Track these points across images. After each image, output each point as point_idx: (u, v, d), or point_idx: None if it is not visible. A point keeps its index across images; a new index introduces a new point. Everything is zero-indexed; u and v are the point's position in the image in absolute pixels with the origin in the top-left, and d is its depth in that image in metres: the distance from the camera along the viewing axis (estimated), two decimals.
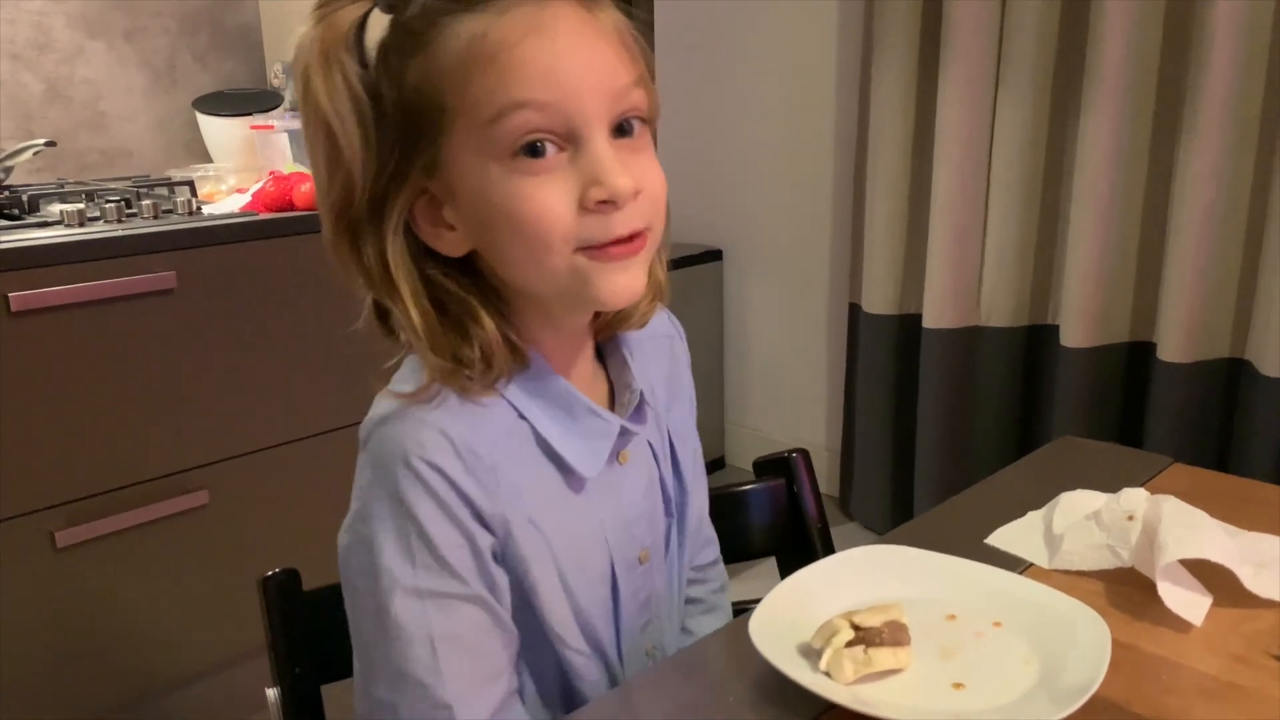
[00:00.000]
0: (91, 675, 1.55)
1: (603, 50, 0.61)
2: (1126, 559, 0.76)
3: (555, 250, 0.61)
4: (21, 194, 1.64)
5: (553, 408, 0.68)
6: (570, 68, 0.59)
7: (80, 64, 1.99)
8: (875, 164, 2.24)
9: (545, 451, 0.68)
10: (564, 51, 0.59)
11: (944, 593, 0.72)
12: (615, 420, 0.70)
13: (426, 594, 0.62)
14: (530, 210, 0.60)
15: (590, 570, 0.71)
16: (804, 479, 0.99)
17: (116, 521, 1.52)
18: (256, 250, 1.62)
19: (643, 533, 0.75)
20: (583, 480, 0.69)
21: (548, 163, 0.60)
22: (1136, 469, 0.96)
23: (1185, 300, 1.83)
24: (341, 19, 0.60)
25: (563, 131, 0.60)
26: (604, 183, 0.59)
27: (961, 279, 2.14)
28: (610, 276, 0.62)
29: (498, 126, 0.59)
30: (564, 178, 0.60)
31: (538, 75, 0.58)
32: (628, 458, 0.74)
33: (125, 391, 1.51)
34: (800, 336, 2.69)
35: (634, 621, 0.76)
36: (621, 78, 0.61)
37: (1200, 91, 1.75)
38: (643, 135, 0.64)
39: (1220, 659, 0.66)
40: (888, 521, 2.40)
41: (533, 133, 0.59)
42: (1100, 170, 1.90)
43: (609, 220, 0.61)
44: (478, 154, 0.60)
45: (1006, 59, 2.01)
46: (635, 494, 0.75)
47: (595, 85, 0.60)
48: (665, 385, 0.81)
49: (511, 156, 0.60)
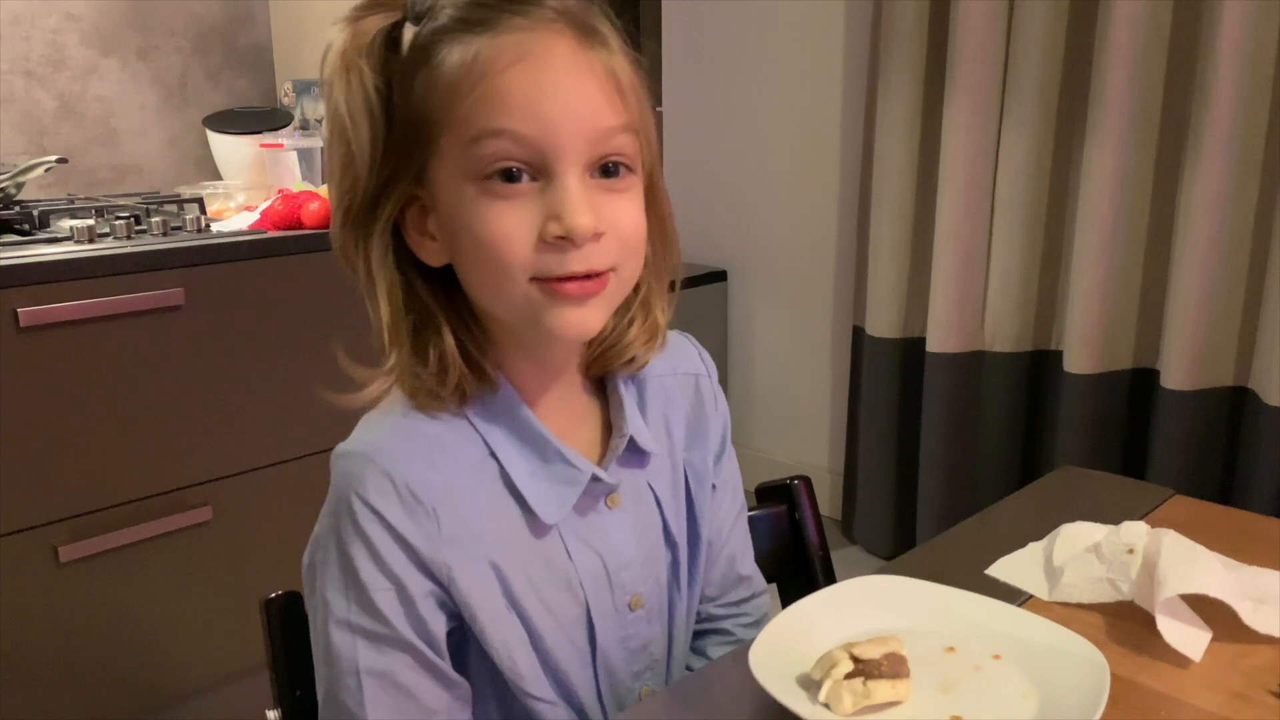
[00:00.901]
0: (94, 690, 1.55)
1: (589, 90, 0.61)
2: (1126, 592, 0.76)
3: (511, 277, 0.62)
4: (32, 209, 1.65)
5: (524, 445, 0.68)
6: (551, 104, 0.60)
7: (93, 81, 2.01)
8: (880, 188, 2.25)
9: (510, 490, 0.67)
10: (548, 86, 0.60)
11: (944, 625, 0.72)
12: (587, 469, 0.69)
13: (357, 629, 0.64)
14: (492, 233, 0.61)
15: (561, 615, 0.70)
16: (806, 506, 1.00)
17: (120, 537, 1.52)
18: (264, 268, 1.63)
19: (633, 579, 0.73)
20: (548, 525, 0.68)
21: (518, 189, 0.61)
22: (1137, 500, 0.96)
23: (1189, 328, 1.84)
24: (366, 27, 0.62)
25: (536, 163, 0.61)
26: (562, 219, 0.60)
27: (965, 303, 2.15)
28: (562, 311, 0.63)
29: (475, 148, 0.60)
30: (529, 208, 0.61)
31: (518, 106, 0.59)
32: (618, 502, 0.73)
33: (131, 407, 1.52)
34: (804, 358, 2.69)
35: (624, 669, 0.74)
36: (605, 120, 0.62)
37: (1204, 119, 1.76)
38: (627, 179, 0.64)
39: (1220, 695, 0.66)
40: (890, 545, 2.40)
41: (506, 160, 0.60)
42: (1104, 196, 1.91)
43: (565, 256, 0.61)
44: (457, 170, 0.61)
45: (1011, 86, 2.02)
46: (625, 539, 0.73)
47: (575, 124, 0.60)
48: (686, 425, 0.79)
49: (485, 178, 0.61)
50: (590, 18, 0.63)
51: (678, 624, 0.79)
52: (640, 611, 0.75)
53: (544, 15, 0.61)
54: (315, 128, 2.08)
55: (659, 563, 0.77)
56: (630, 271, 0.66)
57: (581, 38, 0.62)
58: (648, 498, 0.76)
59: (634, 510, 0.74)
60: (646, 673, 0.76)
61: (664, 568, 0.77)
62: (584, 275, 0.62)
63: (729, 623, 0.86)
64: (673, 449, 0.78)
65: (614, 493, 0.73)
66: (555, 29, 0.61)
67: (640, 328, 0.72)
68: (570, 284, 0.62)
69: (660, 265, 0.72)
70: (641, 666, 0.76)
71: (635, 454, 0.74)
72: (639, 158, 0.65)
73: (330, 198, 0.67)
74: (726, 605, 0.86)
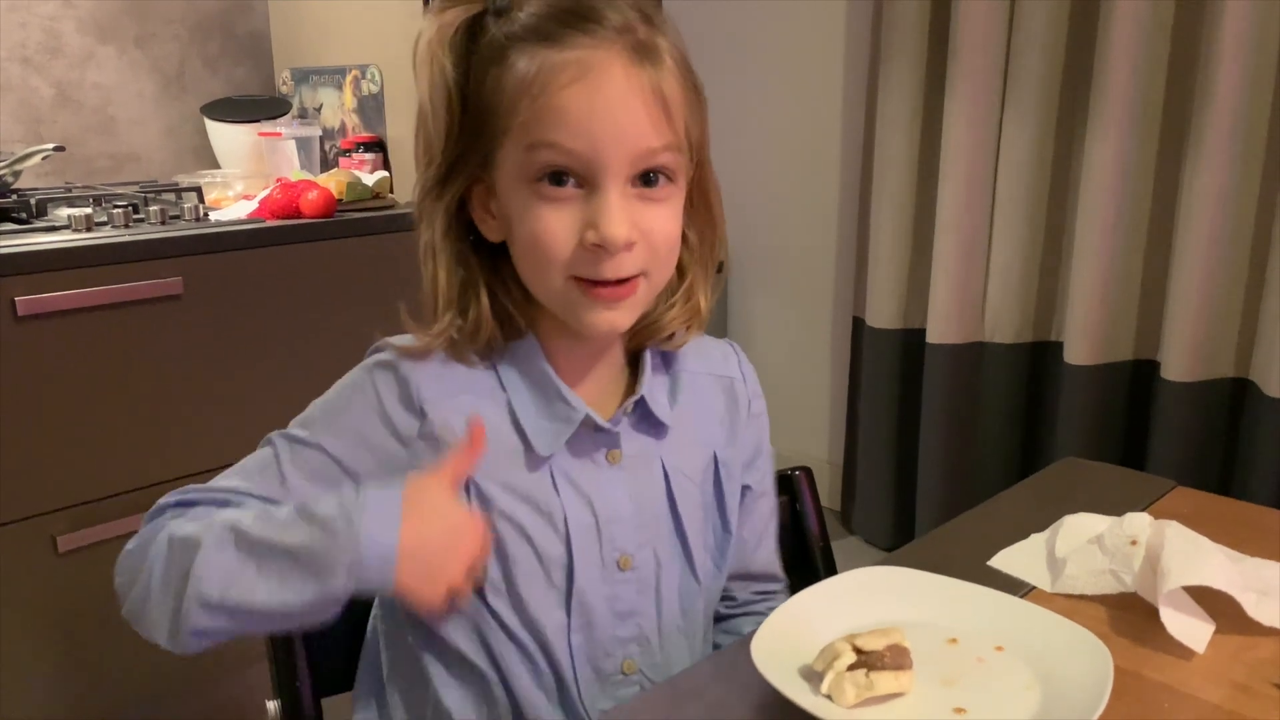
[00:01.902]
0: (93, 679, 1.55)
1: (638, 112, 0.66)
2: (1129, 584, 0.76)
3: (552, 272, 0.68)
4: (29, 198, 1.64)
5: (533, 387, 0.73)
6: (601, 123, 0.65)
7: (91, 69, 2.00)
8: (881, 179, 2.24)
9: (514, 425, 0.73)
10: (600, 108, 0.65)
11: (946, 616, 0.72)
12: (582, 409, 0.73)
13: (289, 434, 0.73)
14: (538, 230, 0.67)
15: (541, 547, 0.73)
16: (807, 497, 1.00)
17: (118, 526, 1.52)
18: (263, 257, 1.62)
19: (623, 538, 0.75)
20: (541, 459, 0.73)
21: (564, 193, 0.67)
22: (1139, 491, 0.96)
23: (1190, 319, 1.83)
24: (447, 19, 0.68)
25: (582, 173, 0.66)
26: (599, 229, 0.66)
27: (966, 295, 2.15)
28: (594, 311, 0.69)
29: (530, 154, 0.66)
30: (573, 212, 0.67)
31: (571, 123, 0.65)
32: (619, 459, 0.76)
33: (130, 396, 1.51)
34: (803, 350, 2.69)
35: (606, 630, 0.76)
36: (650, 141, 0.66)
37: (1206, 111, 1.75)
38: (665, 189, 0.69)
39: (1223, 688, 0.66)
40: (889, 536, 2.40)
41: (555, 168, 0.66)
42: (1105, 188, 1.90)
43: (600, 262, 0.67)
44: (514, 168, 0.67)
45: (1013, 77, 2.02)
46: (618, 497, 0.75)
47: (621, 144, 0.66)
48: (723, 424, 0.83)
49: (536, 180, 0.67)
50: (650, 34, 0.67)
51: (667, 601, 0.78)
52: (630, 574, 0.76)
53: (606, 35, 0.65)
54: (313, 116, 2.07)
55: (657, 535, 0.78)
56: (660, 276, 0.72)
57: (637, 57, 0.66)
58: (656, 470, 0.77)
59: (635, 474, 0.77)
60: (633, 645, 0.77)
61: (664, 543, 0.78)
62: (615, 281, 0.68)
63: (761, 605, 0.90)
64: (704, 440, 0.81)
65: (616, 449, 0.76)
66: (615, 48, 0.65)
67: (681, 310, 0.77)
68: (603, 289, 0.68)
69: (706, 253, 0.77)
70: (627, 635, 0.77)
71: (651, 424, 0.77)
72: (680, 170, 0.70)
73: (416, 163, 0.73)
74: (759, 594, 0.91)
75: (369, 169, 1.89)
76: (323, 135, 2.02)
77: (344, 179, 1.76)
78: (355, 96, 1.97)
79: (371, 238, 1.74)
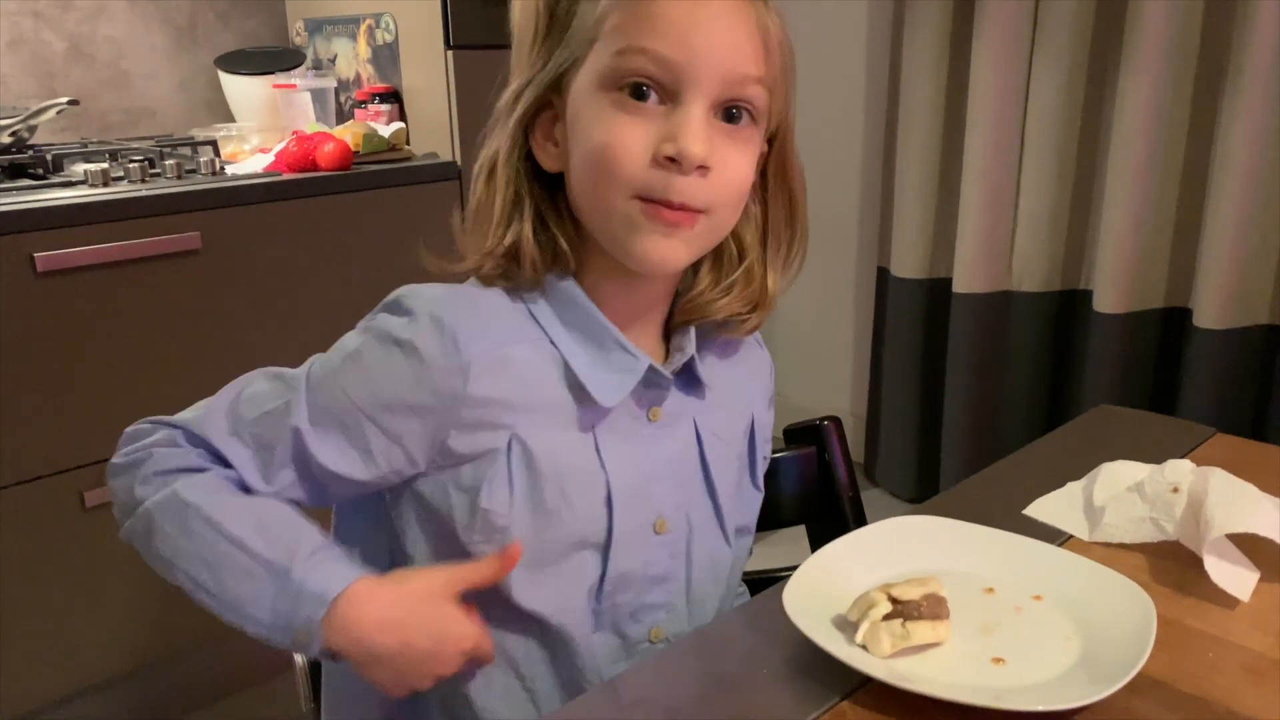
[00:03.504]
0: (119, 633, 1.56)
1: (739, 35, 0.64)
2: (1171, 532, 0.74)
3: (617, 188, 0.64)
4: (45, 153, 1.63)
5: (584, 337, 0.69)
6: (699, 34, 0.62)
7: (102, 22, 1.97)
8: (906, 125, 2.20)
9: (569, 381, 0.69)
10: (701, 19, 0.63)
11: (982, 565, 0.71)
12: (644, 359, 0.70)
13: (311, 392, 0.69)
14: (611, 141, 0.64)
15: (580, 502, 0.69)
16: (835, 447, 0.98)
17: None
18: (280, 211, 1.61)
19: (661, 499, 0.73)
20: (599, 414, 0.69)
21: (645, 107, 0.64)
22: (1178, 439, 0.94)
23: (1224, 265, 1.79)
24: None
25: (669, 86, 0.63)
26: (677, 141, 0.62)
27: (993, 243, 2.11)
28: (651, 237, 0.65)
29: (618, 60, 0.63)
30: (650, 126, 0.64)
31: (667, 30, 0.62)
32: (660, 416, 0.73)
33: (151, 351, 1.51)
34: (827, 301, 2.66)
35: (640, 594, 0.74)
36: (744, 66, 0.64)
37: (1244, 50, 1.70)
38: (747, 129, 0.67)
39: (1268, 636, 0.64)
40: (913, 488, 2.39)
41: (642, 76, 0.63)
42: (1138, 131, 1.85)
43: (670, 180, 0.63)
44: (595, 76, 0.64)
45: (1043, 18, 1.96)
46: (658, 457, 0.73)
47: (715, 60, 0.63)
48: (755, 391, 0.82)
49: (618, 89, 0.64)
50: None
51: (698, 566, 0.76)
52: (665, 537, 0.74)
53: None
54: (328, 67, 2.04)
55: (691, 497, 0.76)
56: (723, 220, 0.68)
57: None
58: (689, 430, 0.75)
59: (673, 433, 0.74)
60: (661, 611, 0.75)
61: (697, 506, 0.76)
62: (679, 205, 0.64)
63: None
64: (744, 399, 0.80)
65: (658, 406, 0.73)
66: None
67: (741, 293, 0.73)
68: (666, 210, 0.64)
69: (776, 235, 0.74)
70: (657, 601, 0.75)
71: (692, 384, 0.75)
72: (765, 113, 0.67)
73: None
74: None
75: (385, 120, 1.86)
76: (338, 86, 1.99)
77: (360, 131, 1.73)
78: (370, 46, 1.94)
79: (388, 190, 1.72)
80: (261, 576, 0.64)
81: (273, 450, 0.69)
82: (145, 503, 0.68)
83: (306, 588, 0.64)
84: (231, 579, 0.65)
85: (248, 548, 0.65)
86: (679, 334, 0.74)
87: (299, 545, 0.66)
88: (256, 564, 0.64)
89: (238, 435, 0.70)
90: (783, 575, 0.67)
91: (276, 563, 0.64)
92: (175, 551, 0.66)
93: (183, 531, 0.66)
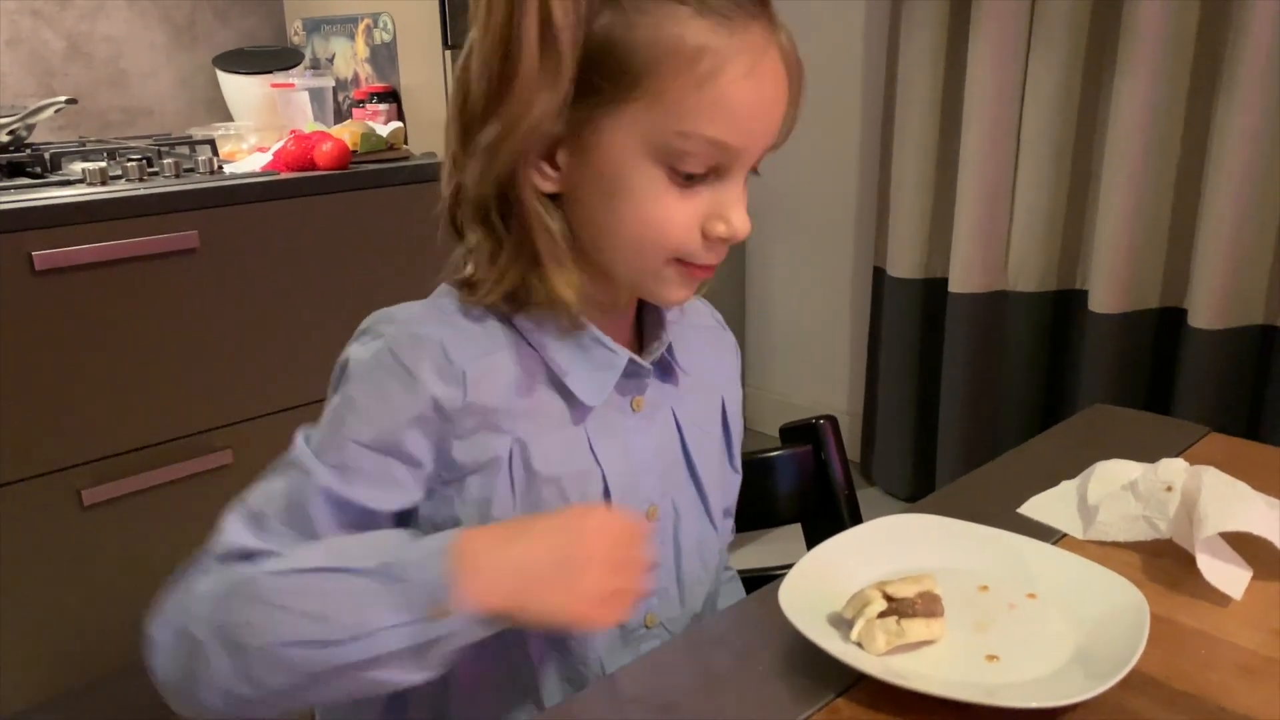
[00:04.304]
0: (116, 631, 1.56)
1: (783, 102, 0.64)
2: (1164, 530, 0.74)
3: (659, 254, 0.64)
4: (43, 152, 1.63)
5: (562, 337, 0.68)
6: (762, 121, 0.63)
7: (101, 20, 1.97)
8: (903, 123, 2.20)
9: (552, 382, 0.68)
10: (766, 104, 0.62)
11: (977, 563, 0.71)
12: (623, 353, 0.70)
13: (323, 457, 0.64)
14: (662, 217, 0.63)
15: (578, 500, 0.69)
16: (832, 446, 0.98)
17: (142, 480, 1.53)
18: (278, 210, 1.61)
19: (649, 488, 0.73)
20: (585, 411, 0.69)
21: (695, 186, 0.63)
22: (1172, 438, 0.95)
23: (1218, 266, 1.80)
24: None
25: (722, 166, 0.63)
26: (730, 223, 0.64)
27: (989, 242, 2.11)
28: (678, 289, 0.67)
29: (680, 140, 0.61)
30: (698, 201, 0.63)
31: (741, 122, 0.61)
32: (642, 405, 0.73)
33: (149, 351, 1.51)
34: (823, 299, 2.66)
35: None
36: (780, 132, 0.65)
37: (1239, 50, 1.70)
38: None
39: (1261, 634, 0.64)
40: (909, 487, 2.39)
41: (706, 162, 0.62)
42: (1134, 130, 1.86)
43: (716, 250, 0.65)
44: (638, 139, 0.61)
45: (1039, 15, 1.96)
46: (646, 446, 0.73)
47: (765, 140, 0.64)
48: (722, 374, 0.82)
49: (671, 167, 0.62)
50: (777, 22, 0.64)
51: (686, 552, 0.77)
52: (655, 525, 0.74)
53: (768, 18, 0.62)
54: (326, 67, 2.04)
55: (676, 484, 0.76)
56: None
57: (784, 49, 0.63)
58: (668, 418, 0.76)
59: (654, 421, 0.75)
60: (654, 598, 0.75)
61: (681, 492, 0.76)
62: (710, 265, 0.66)
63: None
64: (713, 385, 0.80)
65: (640, 396, 0.73)
66: (775, 36, 0.62)
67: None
68: (700, 270, 0.66)
69: None
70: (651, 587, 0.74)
71: (666, 371, 0.75)
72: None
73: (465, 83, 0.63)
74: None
75: (383, 120, 1.86)
76: (336, 86, 1.99)
77: (358, 130, 1.73)
78: (368, 45, 1.94)
79: (386, 189, 1.72)
80: (369, 587, 0.57)
81: (310, 519, 0.63)
82: (212, 621, 0.58)
83: (411, 558, 0.58)
84: (345, 610, 0.56)
85: (340, 568, 0.58)
86: (651, 321, 0.75)
87: (382, 542, 0.60)
88: (358, 579, 0.57)
89: (267, 529, 0.63)
90: (779, 573, 0.68)
91: (374, 567, 0.57)
92: (272, 628, 0.57)
93: (269, 604, 0.58)
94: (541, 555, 0.59)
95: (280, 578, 0.58)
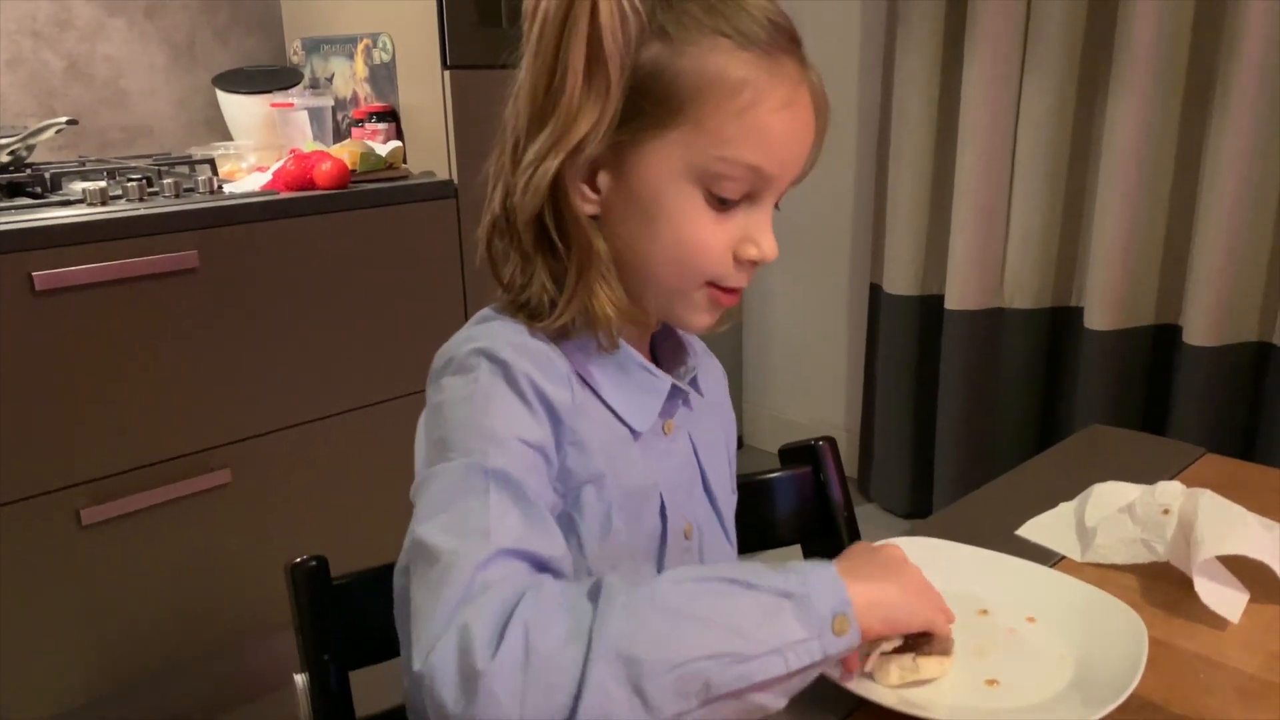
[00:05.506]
0: (116, 651, 1.56)
1: (812, 135, 0.67)
2: (1162, 553, 0.75)
3: (694, 278, 0.66)
4: (43, 172, 1.63)
5: (608, 365, 0.69)
6: (794, 151, 0.66)
7: (101, 41, 1.98)
8: (898, 142, 2.21)
9: (605, 407, 0.69)
10: (799, 135, 0.66)
11: (976, 587, 0.71)
12: (665, 378, 0.71)
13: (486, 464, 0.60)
14: (701, 240, 0.65)
15: (644, 522, 0.70)
16: (831, 468, 0.99)
17: (140, 500, 1.53)
18: (278, 229, 1.61)
19: (683, 504, 0.75)
20: (636, 433, 0.70)
21: (729, 211, 0.65)
22: (1168, 459, 0.95)
23: (1213, 283, 1.81)
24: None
25: (756, 191, 0.66)
26: (761, 247, 0.66)
27: (985, 260, 2.12)
28: (706, 315, 0.69)
29: (719, 165, 0.63)
30: (732, 225, 0.66)
31: (776, 150, 0.64)
32: (672, 429, 0.74)
33: (148, 370, 1.52)
34: (820, 317, 2.67)
35: None
36: (806, 165, 0.68)
37: (1232, 70, 1.72)
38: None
39: (1259, 657, 0.65)
40: (906, 503, 2.40)
41: (744, 188, 0.64)
42: (1128, 150, 1.87)
43: (744, 274, 0.67)
44: (679, 162, 0.63)
45: (1033, 37, 1.98)
46: (676, 467, 0.75)
47: (796, 167, 0.67)
48: (723, 396, 0.84)
49: (709, 190, 0.64)
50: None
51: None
52: (692, 544, 0.75)
53: (802, 55, 0.66)
54: (325, 86, 2.05)
55: (698, 504, 0.77)
56: None
57: (816, 84, 0.67)
58: (687, 441, 0.77)
59: (679, 443, 0.75)
60: None
61: (700, 510, 0.77)
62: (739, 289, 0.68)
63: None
64: (721, 406, 0.82)
65: (671, 419, 0.74)
66: (808, 73, 0.66)
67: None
68: (728, 295, 0.68)
69: None
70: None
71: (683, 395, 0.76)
72: None
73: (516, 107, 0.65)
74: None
75: (382, 139, 1.87)
76: (335, 105, 2.00)
77: (357, 149, 1.74)
78: (367, 65, 1.95)
79: (385, 208, 1.73)
80: (775, 601, 0.54)
81: (522, 488, 0.59)
82: (596, 636, 0.51)
83: (810, 578, 0.56)
84: (758, 623, 0.53)
85: (739, 580, 0.55)
86: (670, 346, 0.77)
87: (744, 568, 0.57)
88: (761, 594, 0.54)
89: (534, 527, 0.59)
90: None
91: (775, 585, 0.55)
92: (678, 639, 0.52)
93: (677, 614, 0.53)
94: (885, 582, 0.60)
95: (680, 586, 0.54)
